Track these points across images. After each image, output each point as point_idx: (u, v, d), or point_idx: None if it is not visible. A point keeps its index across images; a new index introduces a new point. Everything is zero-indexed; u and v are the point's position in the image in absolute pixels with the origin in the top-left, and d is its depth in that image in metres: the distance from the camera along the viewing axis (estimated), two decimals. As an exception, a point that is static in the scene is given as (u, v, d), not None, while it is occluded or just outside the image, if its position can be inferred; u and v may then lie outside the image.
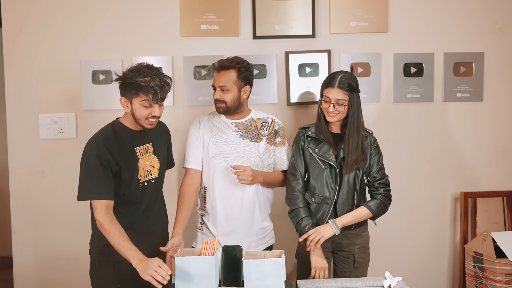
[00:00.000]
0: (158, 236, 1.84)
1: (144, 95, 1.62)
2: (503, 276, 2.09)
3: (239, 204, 1.92)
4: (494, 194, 2.45)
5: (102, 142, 1.65)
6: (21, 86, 2.46)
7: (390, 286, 1.55)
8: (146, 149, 1.76)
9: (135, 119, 1.69)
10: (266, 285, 1.42)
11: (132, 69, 1.67)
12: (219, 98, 1.90)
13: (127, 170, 1.68)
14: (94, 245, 1.76)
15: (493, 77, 2.49)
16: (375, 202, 1.85)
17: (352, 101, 1.80)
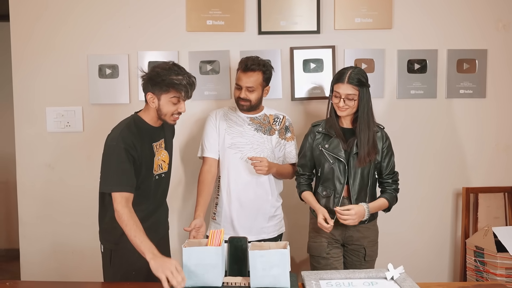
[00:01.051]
0: (163, 227, 1.94)
1: (176, 92, 1.70)
2: (503, 270, 2.12)
3: (252, 192, 2.02)
4: (496, 190, 2.47)
5: (129, 137, 1.69)
6: (28, 80, 2.48)
7: (393, 277, 1.58)
8: (160, 144, 1.83)
9: (160, 114, 1.74)
10: (272, 275, 1.45)
11: (163, 67, 1.72)
12: (245, 97, 2.00)
13: (146, 165, 1.74)
14: (108, 235, 1.79)
15: (496, 74, 2.51)
16: (390, 194, 1.93)
17: (362, 96, 1.84)
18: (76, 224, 2.53)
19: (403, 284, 1.52)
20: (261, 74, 2.01)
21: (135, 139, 1.70)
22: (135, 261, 1.69)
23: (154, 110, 1.75)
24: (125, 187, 1.64)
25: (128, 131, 1.71)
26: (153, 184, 1.79)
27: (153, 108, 1.75)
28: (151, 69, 1.74)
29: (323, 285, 1.53)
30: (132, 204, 1.68)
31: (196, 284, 1.46)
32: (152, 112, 1.76)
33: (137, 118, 1.79)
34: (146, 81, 1.73)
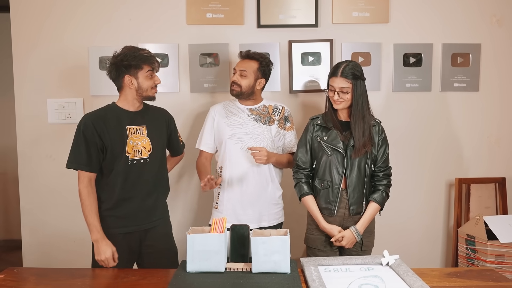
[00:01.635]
0: (154, 215, 1.93)
1: (148, 66, 1.83)
2: (493, 257, 2.20)
3: (253, 181, 2.08)
4: (487, 181, 2.55)
5: (89, 119, 1.82)
6: (29, 72, 2.50)
7: (388, 263, 1.64)
8: (138, 130, 1.87)
9: (142, 92, 1.84)
10: (273, 261, 1.51)
11: (126, 49, 1.84)
12: (236, 81, 2.08)
13: (114, 146, 1.81)
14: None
15: (489, 68, 2.57)
16: (380, 194, 1.96)
17: (355, 89, 1.89)
18: (77, 213, 2.53)
19: (398, 269, 1.58)
20: (257, 63, 2.09)
21: (97, 122, 1.80)
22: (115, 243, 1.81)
23: (131, 93, 1.85)
24: (82, 165, 1.78)
25: (92, 113, 1.85)
26: (129, 169, 1.83)
27: (131, 91, 1.84)
28: (115, 56, 1.84)
29: (321, 271, 1.60)
30: (107, 184, 1.82)
31: (200, 269, 1.51)
32: (129, 96, 1.86)
33: (111, 104, 1.90)
34: (118, 67, 1.82)
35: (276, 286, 1.40)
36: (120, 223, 1.84)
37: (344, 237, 1.91)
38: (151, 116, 1.94)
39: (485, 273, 1.62)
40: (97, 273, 1.65)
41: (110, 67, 1.84)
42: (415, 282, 1.45)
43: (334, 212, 1.94)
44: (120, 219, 1.84)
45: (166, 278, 1.54)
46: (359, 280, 1.51)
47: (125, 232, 1.85)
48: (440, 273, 1.61)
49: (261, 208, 2.11)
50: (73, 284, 1.51)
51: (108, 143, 1.80)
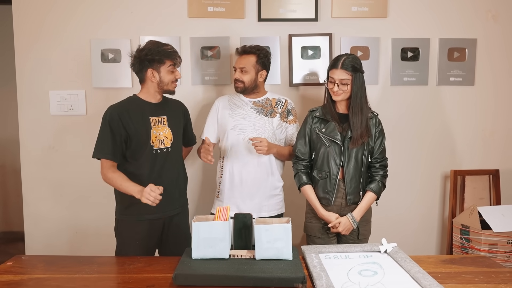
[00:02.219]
0: (177, 203, 2.02)
1: (170, 61, 1.91)
2: (487, 246, 2.28)
3: (253, 172, 2.12)
4: (482, 172, 2.61)
5: (115, 110, 1.89)
6: (31, 64, 2.52)
7: (386, 250, 1.70)
8: (160, 120, 1.94)
9: (163, 85, 1.92)
10: (275, 248, 1.55)
11: (151, 43, 1.91)
12: (238, 78, 2.12)
13: (139, 136, 1.88)
14: (117, 206, 1.99)
15: (484, 63, 2.63)
16: (376, 184, 2.02)
17: (355, 81, 1.94)
18: (79, 205, 2.61)
19: (396, 256, 1.64)
20: (255, 57, 2.12)
21: (122, 113, 1.87)
22: (138, 231, 1.90)
23: (153, 86, 1.93)
24: (106, 154, 1.86)
25: (116, 105, 1.92)
26: (153, 158, 1.91)
27: (153, 84, 1.92)
28: (140, 50, 1.91)
29: (322, 258, 1.65)
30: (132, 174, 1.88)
31: (205, 256, 1.56)
32: (151, 88, 1.94)
33: (134, 96, 1.98)
34: (142, 61, 1.89)
35: (279, 271, 1.44)
36: (147, 209, 1.88)
37: (340, 223, 1.97)
38: (171, 107, 2.03)
39: (479, 260, 1.68)
40: (103, 260, 1.68)
41: (134, 60, 1.92)
42: (412, 268, 1.51)
43: (332, 201, 2.00)
44: (146, 206, 1.86)
45: (172, 264, 1.58)
46: (358, 266, 1.57)
47: (150, 219, 1.91)
48: (436, 260, 1.67)
49: (261, 199, 2.15)
50: (81, 270, 1.55)
51: (133, 133, 1.87)
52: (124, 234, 1.95)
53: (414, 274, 1.47)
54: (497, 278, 1.49)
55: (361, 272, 1.52)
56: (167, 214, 1.96)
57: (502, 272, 1.54)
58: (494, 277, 1.50)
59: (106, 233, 2.28)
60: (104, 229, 2.44)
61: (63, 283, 1.45)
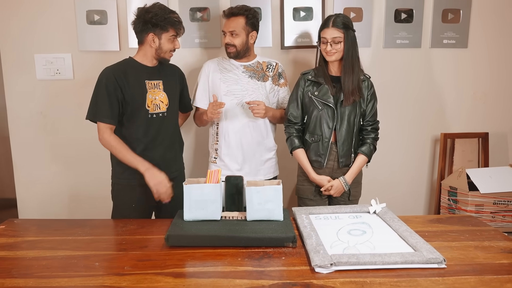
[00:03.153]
0: (173, 167, 2.02)
1: (174, 30, 1.87)
2: (473, 206, 2.33)
3: (249, 136, 2.12)
4: (471, 136, 2.64)
5: (111, 72, 1.83)
6: (14, 27, 2.44)
7: (375, 211, 1.73)
8: (155, 84, 1.91)
9: (160, 52, 1.88)
10: (266, 209, 1.58)
11: (159, 7, 1.85)
12: (230, 42, 2.06)
13: (135, 99, 1.85)
14: (114, 171, 1.97)
15: (479, 25, 2.59)
16: (368, 147, 2.03)
17: (347, 39, 1.91)
18: (69, 169, 2.60)
19: (385, 216, 1.67)
20: (244, 18, 2.05)
21: (118, 75, 1.82)
22: (134, 196, 1.91)
23: (151, 50, 1.88)
24: (104, 118, 1.82)
25: (114, 67, 1.87)
26: (149, 122, 1.89)
27: (151, 48, 1.87)
28: (146, 11, 1.83)
29: (312, 219, 1.68)
30: (127, 137, 1.87)
31: (197, 218, 1.58)
32: (148, 52, 1.89)
33: (129, 59, 1.93)
34: (145, 23, 1.82)
35: (270, 231, 1.47)
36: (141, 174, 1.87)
37: (332, 186, 2.00)
38: (167, 71, 1.98)
39: (465, 219, 1.73)
40: (96, 223, 1.70)
41: (137, 20, 1.85)
42: (400, 227, 1.55)
43: (324, 164, 2.01)
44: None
45: (165, 227, 1.60)
46: (347, 226, 1.60)
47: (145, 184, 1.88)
48: (423, 220, 1.71)
49: (257, 162, 2.16)
50: (74, 233, 1.56)
51: (129, 96, 1.84)
52: (120, 198, 1.95)
53: (402, 232, 1.50)
54: (481, 235, 1.54)
55: (350, 232, 1.55)
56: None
57: (487, 230, 1.59)
58: (479, 235, 1.54)
59: (100, 196, 2.30)
60: (98, 192, 2.45)
61: (56, 245, 1.46)
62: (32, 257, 1.36)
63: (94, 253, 1.40)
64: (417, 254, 1.31)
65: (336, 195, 2.03)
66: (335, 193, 2.01)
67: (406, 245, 1.42)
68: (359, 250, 1.38)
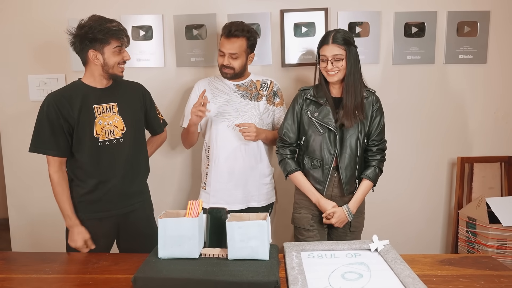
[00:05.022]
0: (132, 199, 1.82)
1: (116, 41, 1.66)
2: (494, 241, 2.07)
3: (241, 160, 1.97)
4: (492, 160, 2.39)
5: (52, 99, 1.66)
6: (8, 47, 2.40)
7: (377, 249, 1.53)
8: (108, 108, 1.73)
9: (108, 68, 1.68)
10: (250, 247, 1.40)
11: (92, 20, 1.65)
12: (228, 65, 1.93)
13: (81, 126, 1.68)
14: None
15: (499, 38, 2.37)
16: (373, 170, 1.84)
17: (349, 56, 1.75)
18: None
19: (386, 256, 1.47)
20: (245, 40, 1.92)
21: (61, 101, 1.65)
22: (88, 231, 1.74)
23: (97, 69, 1.69)
24: (48, 150, 1.67)
25: (55, 93, 1.69)
26: (100, 150, 1.71)
27: (97, 66, 1.68)
28: (80, 27, 1.65)
29: (304, 257, 1.49)
30: (79, 168, 1.71)
31: (172, 255, 1.42)
32: (95, 71, 1.70)
33: (77, 81, 1.74)
34: (82, 40, 1.64)
35: (251, 274, 1.30)
36: (96, 207, 1.75)
37: (335, 213, 1.80)
38: (123, 91, 1.78)
39: (481, 260, 1.50)
40: (69, 257, 1.57)
41: (74, 39, 1.66)
42: (403, 271, 1.34)
43: (324, 192, 1.83)
44: (96, 204, 1.74)
45: (139, 263, 1.45)
46: (343, 268, 1.41)
47: (101, 217, 1.76)
48: (433, 260, 1.50)
49: (250, 188, 2.01)
50: (41, 270, 1.44)
51: (74, 124, 1.67)
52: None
53: (404, 278, 1.30)
54: (500, 283, 1.31)
55: (344, 275, 1.36)
56: (120, 211, 1.77)
57: (507, 276, 1.36)
58: (497, 281, 1.32)
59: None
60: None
61: (16, 285, 1.34)
62: (-16, 300, 1.24)
63: (54, 296, 1.26)
64: (418, 309, 1.10)
65: (338, 225, 1.83)
66: (336, 222, 1.81)
67: (407, 295, 1.21)
68: (350, 300, 1.19)
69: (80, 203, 1.73)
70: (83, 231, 1.70)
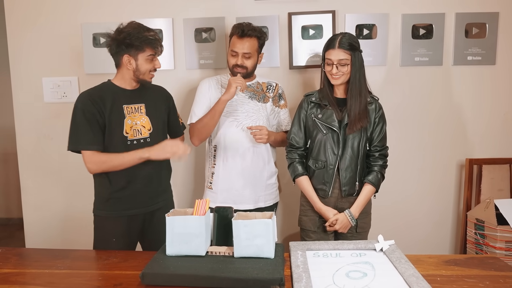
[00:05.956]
0: (159, 197, 1.89)
1: (151, 50, 1.73)
2: (503, 243, 2.06)
3: (249, 161, 2.00)
4: (501, 161, 2.37)
5: (87, 97, 1.73)
6: (23, 51, 2.47)
7: (382, 249, 1.54)
8: (136, 108, 1.79)
9: (139, 74, 1.76)
10: (255, 245, 1.43)
11: (132, 27, 1.73)
12: (242, 64, 1.96)
13: (112, 126, 1.74)
14: (95, 202, 1.88)
15: (508, 39, 2.36)
16: (375, 175, 1.86)
17: (354, 61, 1.77)
18: (75, 192, 2.57)
19: (391, 256, 1.48)
20: (257, 40, 1.97)
21: (94, 100, 1.71)
22: (116, 229, 1.80)
23: (129, 73, 1.76)
24: (87, 145, 1.71)
25: (90, 91, 1.76)
26: (129, 149, 1.75)
27: (129, 71, 1.75)
28: (119, 32, 1.72)
29: (309, 256, 1.51)
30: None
31: (180, 253, 1.45)
32: (126, 75, 1.77)
33: (107, 82, 1.82)
34: (119, 44, 1.71)
35: (256, 271, 1.32)
36: (125, 205, 1.79)
37: (338, 220, 1.83)
38: (150, 93, 1.85)
39: (487, 261, 1.49)
40: (79, 254, 1.61)
41: (111, 42, 1.74)
42: (407, 270, 1.35)
43: (329, 193, 1.85)
44: (125, 201, 1.79)
45: (147, 260, 1.48)
46: (347, 267, 1.42)
47: (129, 215, 1.80)
48: (438, 261, 1.50)
49: (258, 189, 2.04)
50: (52, 265, 1.48)
51: (106, 122, 1.73)
52: (100, 230, 1.83)
53: (408, 277, 1.31)
54: (505, 283, 1.31)
55: (348, 274, 1.37)
56: (147, 209, 1.83)
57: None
58: (502, 282, 1.32)
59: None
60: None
61: (29, 279, 1.38)
62: (-1, 293, 1.29)
63: (65, 290, 1.30)
64: (420, 307, 1.11)
65: (342, 230, 1.85)
66: (340, 228, 1.84)
67: (410, 293, 1.22)
68: (354, 298, 1.20)
69: (110, 201, 1.78)
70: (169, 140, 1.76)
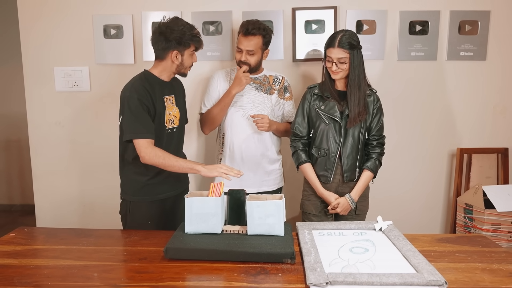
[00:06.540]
0: (184, 181, 2.06)
1: (195, 46, 1.86)
2: (489, 225, 2.23)
3: (254, 148, 2.14)
4: (490, 151, 2.54)
5: (141, 86, 1.78)
6: (35, 41, 2.54)
7: (381, 228, 1.69)
8: (170, 99, 1.91)
9: (181, 68, 1.86)
10: (267, 224, 1.56)
11: (183, 24, 1.82)
12: (245, 61, 2.07)
13: (158, 116, 1.84)
14: (127, 187, 1.92)
15: (498, 36, 2.51)
16: (373, 162, 2.00)
17: (352, 58, 1.89)
18: (85, 178, 2.67)
19: (390, 234, 1.63)
20: (261, 38, 2.06)
21: (147, 90, 1.78)
22: (151, 212, 1.89)
23: (171, 66, 1.85)
24: (145, 134, 1.75)
25: (140, 82, 1.81)
26: (166, 138, 1.89)
27: (173, 64, 1.84)
28: (170, 29, 1.78)
29: (315, 234, 1.65)
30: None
31: (198, 231, 1.58)
32: (168, 68, 1.86)
33: (147, 73, 1.87)
34: (169, 40, 1.78)
35: (269, 246, 1.46)
36: (160, 189, 1.89)
37: (339, 204, 1.97)
38: (176, 86, 1.98)
39: (476, 239, 1.66)
40: (102, 233, 1.73)
41: (160, 36, 1.79)
42: (404, 246, 1.50)
43: (330, 179, 1.99)
44: (159, 186, 1.89)
45: (167, 239, 1.60)
46: (350, 244, 1.57)
47: (163, 198, 1.91)
48: (431, 239, 1.65)
49: (261, 174, 2.17)
50: (79, 243, 1.60)
51: (154, 112, 1.81)
52: (137, 216, 1.89)
53: (405, 252, 1.46)
54: (491, 257, 1.47)
55: (352, 249, 1.51)
56: (177, 192, 1.96)
57: (497, 252, 1.52)
58: (488, 256, 1.48)
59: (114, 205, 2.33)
60: (112, 201, 2.47)
61: (60, 254, 1.50)
62: (35, 265, 1.40)
63: (95, 263, 1.42)
64: (418, 276, 1.26)
65: (343, 213, 2.00)
66: (341, 211, 1.98)
67: (408, 265, 1.37)
68: (358, 269, 1.35)
69: (146, 187, 1.86)
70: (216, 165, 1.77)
